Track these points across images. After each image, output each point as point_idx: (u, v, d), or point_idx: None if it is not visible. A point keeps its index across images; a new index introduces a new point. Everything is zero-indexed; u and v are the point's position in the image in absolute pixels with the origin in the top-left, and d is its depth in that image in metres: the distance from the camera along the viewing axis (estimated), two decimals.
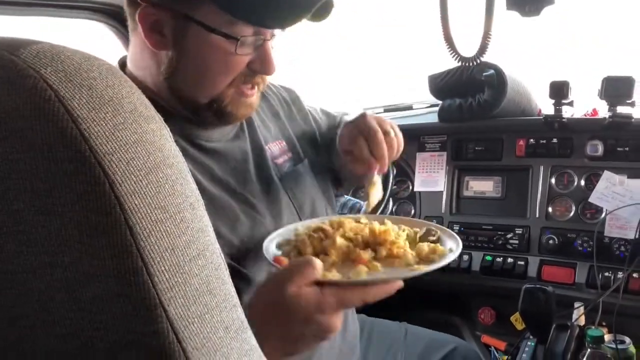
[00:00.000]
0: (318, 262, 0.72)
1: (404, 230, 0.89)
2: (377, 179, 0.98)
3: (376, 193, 0.98)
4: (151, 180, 0.38)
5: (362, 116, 1.00)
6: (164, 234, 0.38)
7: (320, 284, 0.71)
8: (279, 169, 1.05)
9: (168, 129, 0.43)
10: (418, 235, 0.91)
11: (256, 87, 0.92)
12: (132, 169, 0.37)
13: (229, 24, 0.82)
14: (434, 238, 0.89)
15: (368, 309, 1.36)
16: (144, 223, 0.37)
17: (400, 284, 0.75)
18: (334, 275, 0.76)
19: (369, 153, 0.96)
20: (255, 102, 0.94)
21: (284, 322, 0.69)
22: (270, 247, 0.86)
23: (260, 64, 0.89)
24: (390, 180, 1.70)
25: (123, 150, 0.37)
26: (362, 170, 0.98)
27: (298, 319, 0.68)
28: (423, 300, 1.70)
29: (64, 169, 0.36)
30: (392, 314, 1.47)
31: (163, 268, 0.38)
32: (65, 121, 0.36)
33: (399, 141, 1.01)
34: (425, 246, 0.83)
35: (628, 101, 1.41)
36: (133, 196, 0.37)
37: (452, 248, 0.84)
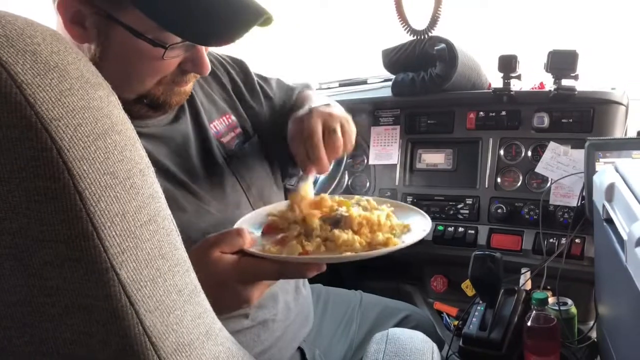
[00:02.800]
0: (247, 233, 0.74)
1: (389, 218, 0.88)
2: (309, 182, 0.92)
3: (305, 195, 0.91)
4: (100, 146, 0.38)
5: (308, 114, 0.95)
6: (114, 199, 0.39)
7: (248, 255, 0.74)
8: (225, 148, 1.02)
9: (116, 96, 0.43)
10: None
11: (190, 81, 0.89)
12: (79, 134, 0.37)
13: (157, 29, 0.76)
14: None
15: (324, 279, 1.39)
16: (94, 188, 0.37)
17: (320, 267, 0.75)
18: (270, 251, 0.77)
19: (304, 155, 0.93)
20: (189, 89, 0.91)
21: (201, 282, 0.70)
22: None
23: (193, 65, 0.85)
24: (345, 154, 1.72)
25: (70, 116, 0.37)
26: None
27: (214, 281, 0.68)
28: (378, 270, 1.75)
29: (9, 135, 0.35)
30: (347, 283, 1.51)
31: (114, 233, 0.38)
32: (9, 86, 0.35)
33: (346, 139, 0.96)
34: (380, 236, 0.82)
35: (572, 74, 1.46)
36: (81, 162, 0.37)
37: (404, 240, 0.82)
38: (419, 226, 0.88)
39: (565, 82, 1.48)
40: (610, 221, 0.99)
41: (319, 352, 1.14)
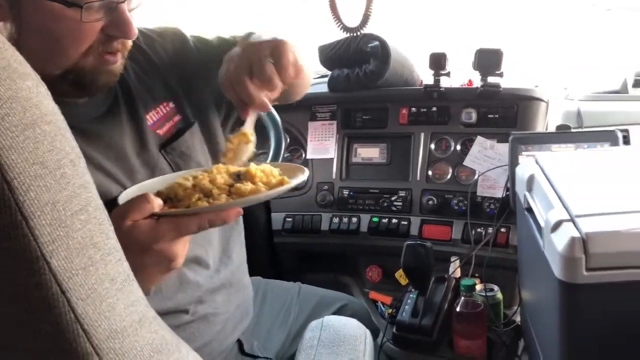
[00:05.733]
0: (153, 197, 0.73)
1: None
2: (248, 127, 0.90)
3: (244, 149, 0.90)
4: (28, 136, 0.39)
5: (232, 52, 0.89)
6: (43, 189, 0.39)
7: (159, 218, 0.73)
8: (161, 140, 0.98)
9: (45, 87, 0.43)
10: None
11: (119, 53, 0.84)
12: (7, 124, 0.37)
13: None
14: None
15: (264, 272, 1.40)
16: (22, 178, 0.37)
17: (237, 211, 0.75)
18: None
19: (237, 98, 0.86)
20: (118, 68, 0.86)
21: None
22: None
23: (117, 29, 0.80)
24: (283, 149, 1.74)
25: None
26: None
27: (134, 250, 0.66)
28: (315, 262, 1.78)
29: None
30: (287, 276, 1.53)
31: (44, 222, 0.38)
32: None
33: (279, 67, 0.84)
34: (274, 179, 0.84)
35: (497, 72, 1.54)
36: (10, 151, 0.37)
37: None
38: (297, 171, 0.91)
39: (491, 79, 1.56)
40: (530, 210, 1.05)
41: (257, 343, 1.15)
